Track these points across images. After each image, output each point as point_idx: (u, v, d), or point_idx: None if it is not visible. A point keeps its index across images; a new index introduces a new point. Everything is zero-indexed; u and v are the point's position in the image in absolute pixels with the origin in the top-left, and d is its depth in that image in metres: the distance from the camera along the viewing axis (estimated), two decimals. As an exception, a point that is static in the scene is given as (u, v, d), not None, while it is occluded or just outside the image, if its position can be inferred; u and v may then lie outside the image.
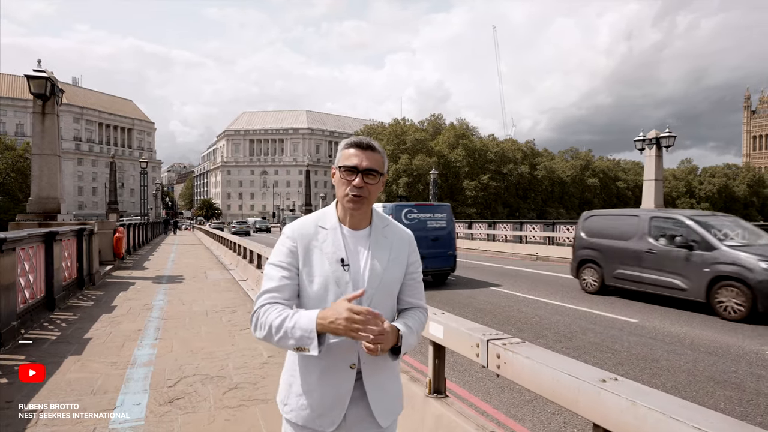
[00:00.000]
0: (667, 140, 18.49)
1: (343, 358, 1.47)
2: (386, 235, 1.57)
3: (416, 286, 1.63)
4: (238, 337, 5.93)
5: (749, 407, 4.07)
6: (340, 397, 1.47)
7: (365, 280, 1.48)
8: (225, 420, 3.54)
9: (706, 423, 1.47)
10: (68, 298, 8.24)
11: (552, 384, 1.98)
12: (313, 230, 1.51)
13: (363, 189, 1.48)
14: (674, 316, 7.64)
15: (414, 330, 1.52)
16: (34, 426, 3.37)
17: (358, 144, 1.51)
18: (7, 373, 4.48)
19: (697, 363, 5.27)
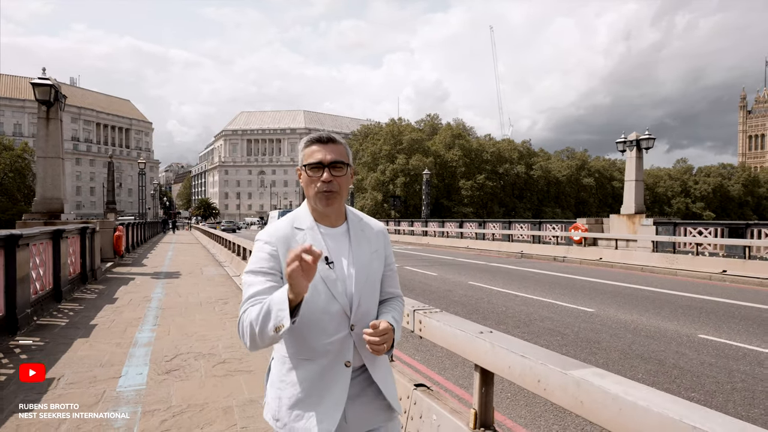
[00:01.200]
0: (647, 142, 19.24)
1: (338, 357, 1.44)
2: (363, 229, 1.57)
3: (393, 276, 1.66)
4: (229, 324, 6.61)
5: (661, 377, 4.77)
6: (337, 397, 1.43)
7: (352, 276, 1.46)
8: (213, 385, 4.23)
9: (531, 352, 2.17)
10: (73, 291, 8.92)
11: (450, 338, 2.69)
12: (290, 232, 1.48)
13: (332, 183, 1.45)
14: (630, 307, 8.35)
15: (399, 322, 1.57)
16: (55, 386, 4.05)
17: (318, 139, 1.49)
18: (26, 350, 5.17)
19: (633, 344, 5.98)
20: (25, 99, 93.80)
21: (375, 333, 1.39)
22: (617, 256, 16.29)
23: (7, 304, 5.73)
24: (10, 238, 5.68)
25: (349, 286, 1.46)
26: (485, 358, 2.39)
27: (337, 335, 1.43)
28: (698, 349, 5.78)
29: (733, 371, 4.95)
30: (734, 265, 12.60)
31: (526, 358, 2.18)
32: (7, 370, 4.49)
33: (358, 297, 1.46)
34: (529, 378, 2.16)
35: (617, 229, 19.43)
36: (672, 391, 4.26)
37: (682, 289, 10.65)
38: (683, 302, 8.96)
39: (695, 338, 6.26)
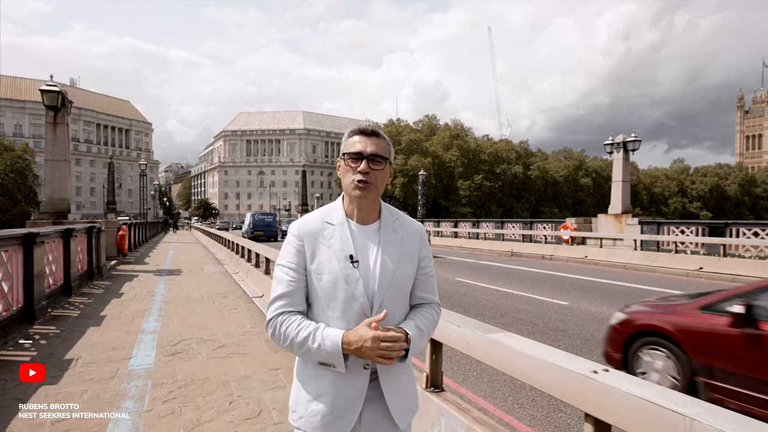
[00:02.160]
0: (633, 144, 19.81)
1: (357, 359, 1.41)
2: (396, 229, 1.52)
3: (429, 281, 1.58)
4: (227, 315, 7.19)
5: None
6: (353, 399, 1.42)
7: (376, 277, 1.44)
8: (213, 365, 4.81)
9: (464, 322, 2.76)
10: (82, 287, 9.50)
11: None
12: (319, 226, 1.47)
13: (369, 175, 1.44)
14: (602, 300, 8.94)
15: (425, 331, 1.49)
16: (75, 365, 4.63)
17: (362, 131, 1.49)
18: (44, 337, 5.75)
19: (595, 332, 6.56)
20: (25, 100, 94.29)
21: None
22: (601, 254, 16.90)
23: (26, 297, 6.30)
24: (28, 236, 6.25)
25: (371, 287, 1.43)
26: (449, 338, 2.92)
27: None
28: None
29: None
30: (710, 262, 13.20)
31: (460, 327, 2.77)
32: (35, 350, 5.10)
33: (380, 299, 1.43)
34: (461, 342, 2.75)
35: (605, 228, 20.02)
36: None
37: (657, 284, 11.24)
38: (652, 296, 9.54)
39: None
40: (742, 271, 12.14)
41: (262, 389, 4.12)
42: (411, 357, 1.47)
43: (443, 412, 2.75)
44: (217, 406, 3.75)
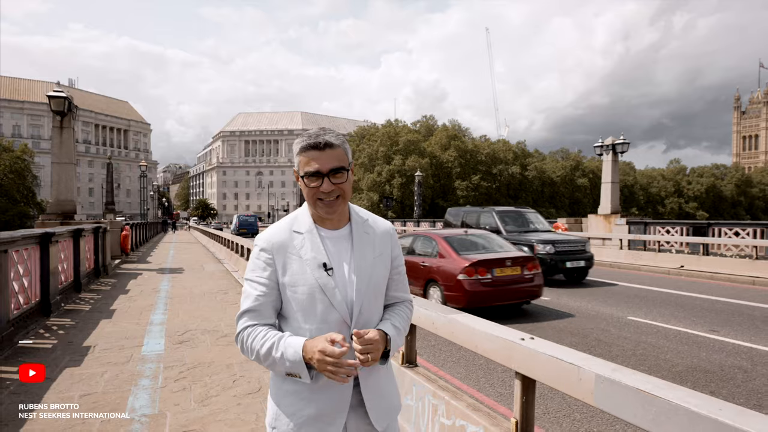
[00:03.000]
0: (622, 147, 20.40)
1: None
2: (367, 231, 1.49)
3: (401, 279, 1.57)
4: (229, 309, 7.71)
5: (581, 347, 5.88)
6: (338, 409, 1.38)
7: (353, 283, 1.40)
8: (217, 351, 5.33)
9: (431, 306, 3.29)
10: (90, 284, 10.01)
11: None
12: (287, 236, 1.42)
13: (333, 191, 1.38)
14: (582, 296, 9.48)
15: (401, 329, 1.48)
16: (93, 351, 5.16)
17: (314, 146, 1.38)
18: (61, 328, 6.26)
19: (570, 324, 7.09)
20: (24, 101, 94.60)
21: (359, 341, 1.29)
22: (590, 253, 17.43)
23: (42, 292, 6.81)
24: (45, 235, 6.76)
25: (349, 294, 1.39)
26: (424, 322, 3.42)
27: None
28: (623, 327, 6.90)
29: (641, 342, 6.07)
30: (690, 260, 13.75)
31: (427, 310, 3.30)
32: (53, 340, 5.61)
33: (359, 305, 1.40)
34: (428, 323, 3.29)
35: (595, 228, 20.58)
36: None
37: (637, 281, 11.78)
38: (629, 291, 10.10)
39: (624, 319, 7.38)
40: (720, 269, 12.69)
41: (262, 370, 4.64)
42: (391, 357, 1.45)
43: (415, 383, 3.26)
44: (222, 383, 4.27)
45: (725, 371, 4.95)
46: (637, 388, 1.79)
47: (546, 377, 2.23)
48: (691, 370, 5.00)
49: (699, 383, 4.58)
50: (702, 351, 5.68)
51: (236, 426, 3.41)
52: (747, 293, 10.09)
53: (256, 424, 3.45)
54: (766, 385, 4.57)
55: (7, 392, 3.99)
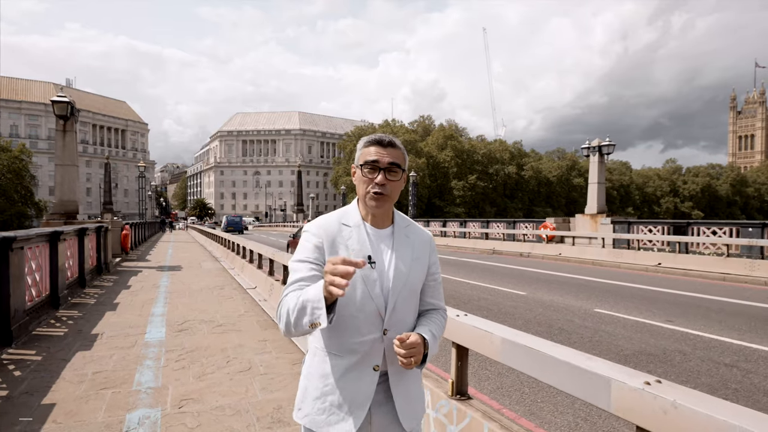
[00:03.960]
0: (607, 148, 21.02)
1: (367, 359, 1.45)
2: (408, 234, 1.56)
3: (437, 287, 1.63)
4: (225, 303, 8.28)
5: (544, 336, 6.47)
6: (361, 400, 1.44)
7: (390, 279, 1.46)
8: (213, 338, 5.89)
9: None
10: (93, 280, 10.57)
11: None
12: (336, 227, 1.50)
13: (385, 186, 1.47)
14: (557, 291, 10.07)
15: (437, 336, 1.53)
16: (101, 338, 5.73)
17: (379, 141, 1.50)
18: (70, 318, 6.82)
19: (538, 315, 7.68)
20: (21, 101, 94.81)
21: (402, 346, 1.37)
22: (574, 251, 18.06)
23: (51, 286, 7.37)
24: (54, 233, 7.32)
25: (386, 288, 1.45)
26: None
27: (369, 336, 1.44)
28: (587, 318, 7.49)
29: (599, 330, 6.66)
30: (668, 258, 14.37)
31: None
32: (65, 328, 6.20)
33: (394, 300, 1.46)
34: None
35: (581, 227, 21.19)
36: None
37: (615, 278, 12.38)
38: (603, 287, 10.71)
39: (590, 311, 7.97)
40: (694, 266, 13.32)
41: (252, 353, 5.22)
42: (428, 362, 1.48)
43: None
44: (217, 363, 4.85)
45: (666, 354, 5.55)
46: (527, 346, 2.38)
47: (471, 343, 2.82)
48: (637, 353, 5.60)
49: (640, 364, 5.17)
50: (652, 338, 6.28)
51: (228, 396, 3.98)
52: (714, 288, 10.71)
53: (245, 394, 4.02)
54: (698, 365, 5.17)
55: (29, 370, 4.56)
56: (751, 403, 4.06)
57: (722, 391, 4.38)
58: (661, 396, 1.72)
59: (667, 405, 1.69)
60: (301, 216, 64.79)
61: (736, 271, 12.28)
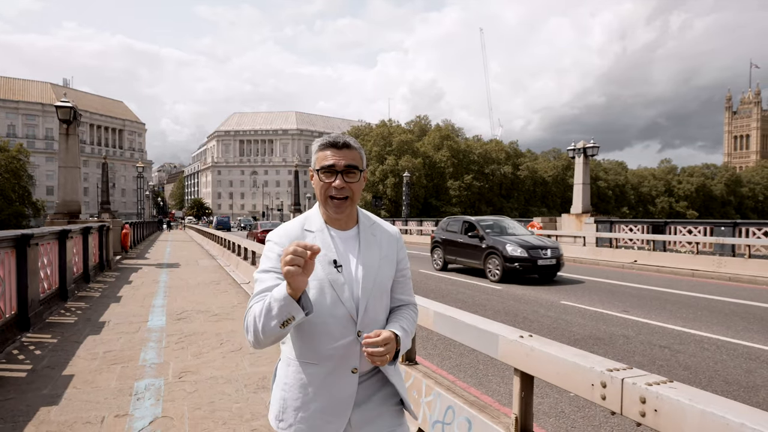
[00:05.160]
0: (592, 150, 21.75)
1: (344, 363, 1.44)
2: (374, 233, 1.55)
3: (406, 282, 1.63)
4: (220, 296, 8.94)
5: (510, 324, 7.15)
6: (343, 404, 1.43)
7: (359, 281, 1.45)
8: (209, 325, 6.56)
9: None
10: (96, 276, 11.22)
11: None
12: (299, 234, 1.48)
13: (345, 189, 1.45)
14: (531, 286, 10.76)
15: (409, 332, 1.52)
16: (108, 325, 6.39)
17: (333, 144, 1.47)
18: (79, 309, 7.48)
19: (507, 306, 8.37)
20: (18, 100, 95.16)
21: (371, 343, 1.35)
22: (557, 249, 18.77)
23: (60, 280, 8.03)
24: (63, 232, 7.98)
25: (356, 291, 1.44)
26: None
27: (343, 340, 1.42)
28: (551, 308, 8.19)
29: (559, 319, 7.35)
30: (643, 256, 15.10)
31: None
32: (75, 317, 6.88)
33: (365, 301, 1.45)
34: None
35: (567, 226, 21.92)
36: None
37: (591, 274, 13.09)
38: (575, 282, 11.41)
39: (557, 303, 8.67)
40: (667, 263, 14.04)
41: (243, 337, 5.87)
42: (399, 358, 1.49)
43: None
44: (212, 345, 5.52)
45: (612, 338, 6.25)
46: (450, 316, 3.07)
47: (427, 323, 3.49)
48: (586, 337, 6.29)
49: (586, 346, 5.85)
50: (604, 325, 6.97)
51: (221, 369, 4.66)
52: (681, 283, 11.42)
53: (236, 368, 4.70)
54: (636, 347, 5.86)
55: (47, 350, 5.23)
56: (670, 375, 4.74)
57: (648, 366, 5.07)
58: (526, 344, 2.41)
59: (528, 350, 2.38)
60: (298, 215, 65.36)
61: (705, 267, 13.00)
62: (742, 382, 4.64)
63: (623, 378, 1.90)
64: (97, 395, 3.94)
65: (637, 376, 1.90)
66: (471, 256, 12.55)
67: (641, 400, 1.80)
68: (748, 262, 12.45)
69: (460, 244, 13.02)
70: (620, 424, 3.63)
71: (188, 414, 3.60)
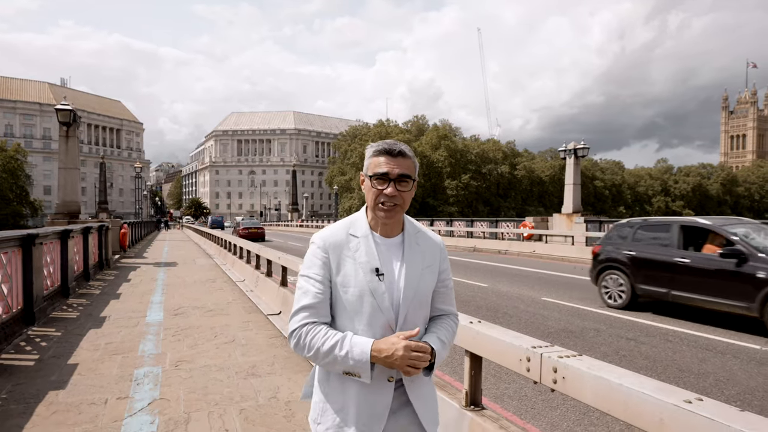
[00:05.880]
0: (582, 151, 22.19)
1: (381, 372, 1.43)
2: (418, 242, 1.54)
3: (448, 293, 1.62)
4: (215, 293, 9.32)
5: (490, 320, 7.53)
6: (379, 411, 1.45)
7: (401, 290, 1.45)
8: (204, 320, 6.94)
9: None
10: (96, 274, 11.57)
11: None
12: (344, 238, 1.48)
13: (396, 197, 1.45)
14: (516, 283, 11.16)
15: (447, 343, 1.53)
16: (108, 320, 6.77)
17: (388, 151, 1.47)
18: (80, 305, 7.85)
19: (489, 302, 8.76)
20: (16, 100, 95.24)
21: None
22: (547, 248, 19.20)
23: (62, 278, 8.39)
24: (65, 231, 8.34)
25: (396, 300, 1.45)
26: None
27: None
28: (531, 304, 8.59)
29: (537, 315, 7.75)
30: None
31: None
32: (77, 312, 7.26)
33: (405, 311, 1.45)
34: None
35: (558, 226, 22.33)
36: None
37: (576, 272, 13.48)
38: (559, 279, 11.83)
39: (538, 299, 9.07)
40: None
41: (236, 331, 6.27)
42: (436, 370, 1.50)
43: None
44: (206, 337, 5.90)
45: (583, 331, 6.65)
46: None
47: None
48: (559, 330, 6.69)
49: (558, 338, 6.25)
50: (578, 319, 7.37)
51: (214, 359, 5.04)
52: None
53: (228, 358, 5.07)
54: (604, 339, 6.26)
55: (52, 342, 5.60)
56: (627, 364, 5.14)
57: (611, 356, 5.47)
58: (474, 329, 2.81)
59: (474, 333, 2.78)
60: (296, 215, 65.74)
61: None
62: (694, 370, 5.04)
63: (542, 353, 2.29)
64: (101, 381, 4.32)
65: (553, 351, 2.30)
66: (718, 290, 6.87)
67: (554, 370, 2.20)
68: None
69: (680, 268, 7.39)
70: (575, 406, 4.02)
71: (183, 397, 3.97)
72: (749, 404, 4.16)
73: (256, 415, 3.65)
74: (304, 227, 51.03)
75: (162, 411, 3.68)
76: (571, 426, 3.77)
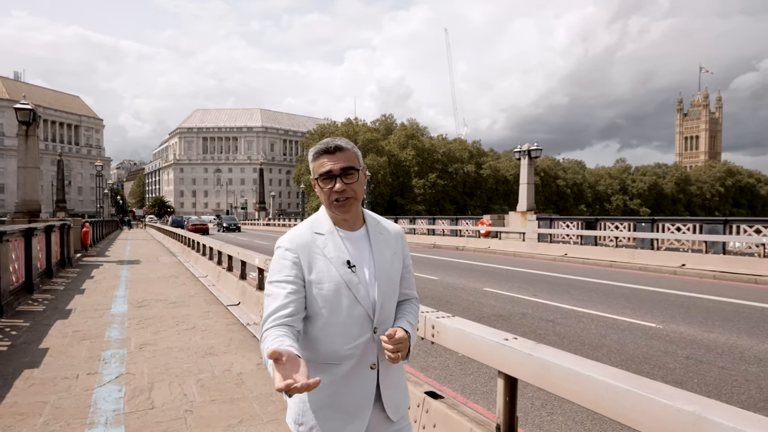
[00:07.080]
0: (535, 152, 23.44)
1: (363, 360, 1.47)
2: (381, 231, 1.58)
3: (410, 277, 1.67)
4: (178, 287, 9.78)
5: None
6: (364, 400, 1.47)
7: (374, 280, 1.49)
8: (167, 311, 7.44)
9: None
10: (59, 272, 11.79)
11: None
12: (310, 238, 1.49)
13: (346, 191, 1.48)
14: (464, 276, 12.04)
15: (414, 325, 1.57)
16: (74, 312, 7.19)
17: (326, 150, 1.49)
18: (45, 300, 8.20)
19: (436, 292, 9.57)
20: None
21: (391, 342, 1.40)
22: (500, 244, 20.33)
23: (26, 274, 8.69)
24: (29, 230, 8.65)
25: (371, 290, 1.48)
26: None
27: (361, 339, 1.45)
28: (473, 294, 9.45)
29: (475, 302, 8.60)
30: (572, 249, 16.72)
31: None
32: (43, 306, 7.65)
33: (381, 300, 1.48)
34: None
35: (514, 223, 23.50)
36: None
37: (524, 266, 14.54)
38: (504, 273, 12.80)
39: (480, 290, 9.94)
40: (592, 256, 15.69)
41: (197, 320, 6.83)
42: (410, 353, 1.51)
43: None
44: (169, 325, 6.45)
45: (511, 315, 7.53)
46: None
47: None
48: (491, 315, 7.54)
49: (489, 321, 7.08)
50: (510, 305, 8.26)
51: (176, 342, 5.61)
52: (597, 273, 12.96)
53: (189, 341, 5.66)
54: (528, 321, 7.14)
55: (22, 331, 6.04)
56: (540, 340, 5.99)
57: (529, 334, 6.31)
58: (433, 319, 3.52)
59: (434, 322, 3.49)
60: (263, 214, 65.52)
61: (621, 258, 14.66)
62: (594, 343, 5.95)
63: (426, 316, 3.04)
64: (71, 361, 4.84)
65: (433, 313, 3.04)
66: None
67: (432, 327, 2.95)
68: (656, 253, 14.17)
69: None
70: (487, 373, 4.81)
71: (147, 371, 4.56)
72: (626, 368, 5.06)
73: (211, 383, 4.28)
74: (271, 225, 51.08)
75: (128, 382, 4.26)
76: (478, 387, 4.56)
